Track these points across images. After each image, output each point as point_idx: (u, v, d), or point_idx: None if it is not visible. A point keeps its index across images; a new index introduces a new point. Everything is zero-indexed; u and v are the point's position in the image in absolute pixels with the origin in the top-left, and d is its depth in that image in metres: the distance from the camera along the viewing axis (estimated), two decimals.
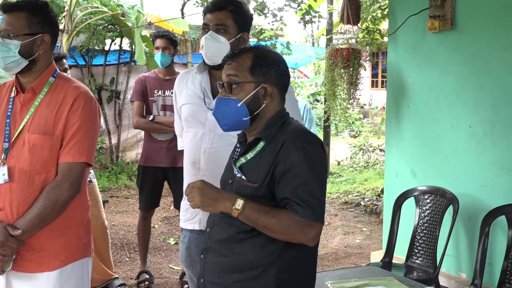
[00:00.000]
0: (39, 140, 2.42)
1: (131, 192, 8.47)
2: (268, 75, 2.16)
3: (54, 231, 2.46)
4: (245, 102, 2.13)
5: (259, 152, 2.15)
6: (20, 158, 2.41)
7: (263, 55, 2.18)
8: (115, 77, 9.56)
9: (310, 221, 1.99)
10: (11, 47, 2.43)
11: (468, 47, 4.35)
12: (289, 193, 2.02)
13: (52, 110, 2.45)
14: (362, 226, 7.17)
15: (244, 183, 2.13)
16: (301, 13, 9.29)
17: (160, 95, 4.77)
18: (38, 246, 2.45)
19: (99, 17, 8.95)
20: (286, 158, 2.04)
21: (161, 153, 4.74)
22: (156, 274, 5.20)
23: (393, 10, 5.05)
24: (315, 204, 2.01)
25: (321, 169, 2.10)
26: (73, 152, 2.43)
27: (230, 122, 2.18)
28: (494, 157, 4.20)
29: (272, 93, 2.17)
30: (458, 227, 4.36)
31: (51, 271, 2.46)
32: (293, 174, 2.02)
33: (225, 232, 2.17)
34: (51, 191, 2.40)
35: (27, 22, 2.46)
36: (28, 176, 2.41)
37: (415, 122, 4.79)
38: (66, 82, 2.54)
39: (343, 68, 5.18)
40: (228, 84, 2.16)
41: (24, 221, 2.37)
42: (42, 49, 2.50)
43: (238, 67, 2.16)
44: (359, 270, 3.46)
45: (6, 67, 2.45)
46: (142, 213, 4.96)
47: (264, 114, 2.17)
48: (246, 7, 2.79)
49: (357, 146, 11.75)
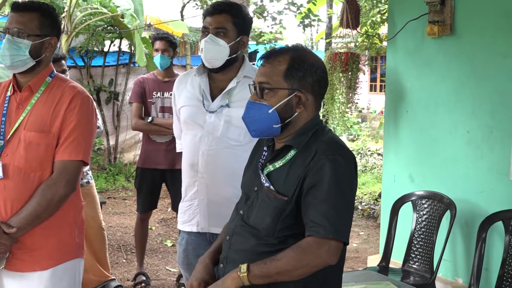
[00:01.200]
0: (35, 137, 2.42)
1: (129, 193, 8.47)
2: (303, 81, 2.03)
3: (47, 230, 2.46)
4: (276, 109, 2.02)
5: (289, 161, 2.03)
6: (15, 155, 2.42)
7: (301, 59, 2.04)
8: (113, 79, 9.56)
9: (320, 238, 1.88)
10: (21, 46, 2.44)
11: (467, 53, 4.35)
12: (310, 215, 1.91)
13: (49, 108, 2.46)
14: (359, 230, 7.17)
15: (273, 195, 2.01)
16: (300, 16, 9.31)
17: (159, 97, 4.77)
18: (31, 245, 2.45)
19: (98, 18, 8.95)
20: (316, 171, 1.93)
21: (160, 155, 4.74)
22: (153, 276, 5.20)
23: (392, 15, 5.05)
24: (332, 220, 1.89)
25: (350, 186, 1.98)
26: (70, 150, 2.44)
27: (259, 129, 2.07)
28: (492, 162, 4.21)
29: (306, 102, 2.04)
30: (455, 232, 4.37)
31: (44, 271, 2.46)
32: (319, 190, 1.91)
33: (247, 242, 2.07)
34: (46, 189, 2.40)
35: (39, 24, 2.48)
36: (23, 173, 2.41)
37: (413, 126, 4.80)
38: (63, 82, 2.56)
39: (342, 72, 5.19)
40: (260, 88, 2.05)
41: (18, 219, 2.37)
42: (48, 51, 2.54)
43: (272, 71, 2.04)
44: (356, 274, 3.46)
45: (13, 65, 2.45)
46: (140, 214, 4.96)
47: (297, 122, 2.05)
48: (245, 10, 2.80)
49: (355, 150, 11.75)
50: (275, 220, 1.99)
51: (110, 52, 9.62)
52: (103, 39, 9.26)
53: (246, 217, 2.11)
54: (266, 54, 2.10)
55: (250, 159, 2.29)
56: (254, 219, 2.07)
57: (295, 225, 1.99)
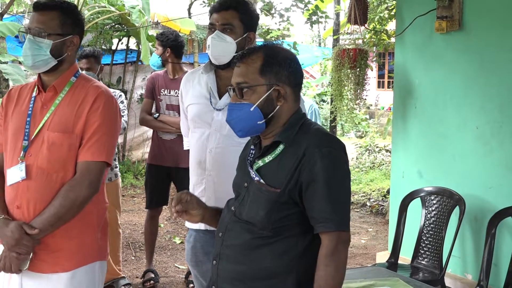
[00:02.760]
0: (58, 138, 2.40)
1: (137, 191, 8.49)
2: (279, 74, 2.07)
3: (69, 231, 2.43)
4: (258, 106, 2.05)
5: (278, 155, 2.06)
6: (39, 156, 2.40)
7: (274, 54, 2.09)
8: (121, 77, 9.58)
9: (333, 232, 1.95)
10: (42, 45, 2.42)
11: (476, 48, 4.34)
12: (317, 210, 1.96)
13: (72, 108, 2.44)
14: (368, 226, 7.16)
15: (265, 188, 2.04)
16: (308, 13, 9.27)
17: (166, 94, 4.81)
18: (54, 246, 2.43)
19: (106, 17, 8.97)
20: (312, 165, 1.96)
21: (166, 152, 4.76)
22: (162, 273, 5.21)
23: (400, 11, 5.04)
24: (339, 213, 1.97)
25: (346, 175, 2.05)
26: (93, 150, 2.41)
27: (244, 128, 2.10)
28: (500, 158, 4.19)
29: (285, 94, 2.08)
30: (464, 228, 4.35)
31: (64, 272, 2.44)
32: (320, 184, 1.95)
33: (240, 237, 2.08)
34: (69, 190, 2.37)
35: (60, 22, 2.46)
36: (46, 174, 2.39)
37: (422, 122, 4.78)
38: (87, 82, 2.54)
39: (350, 69, 5.17)
40: (238, 88, 2.08)
41: (41, 220, 2.35)
42: (70, 50, 2.51)
43: (248, 69, 2.07)
44: (365, 270, 3.45)
45: (35, 65, 2.44)
46: (150, 212, 4.97)
47: (280, 115, 2.09)
48: (252, 7, 2.79)
49: (363, 147, 11.73)
50: (269, 212, 2.02)
51: (118, 50, 9.64)
52: (111, 37, 9.28)
53: (239, 212, 2.12)
54: (239, 55, 2.14)
55: (240, 161, 2.30)
56: (247, 213, 2.08)
57: (289, 216, 2.03)
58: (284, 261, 2.02)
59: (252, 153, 2.19)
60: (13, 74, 5.55)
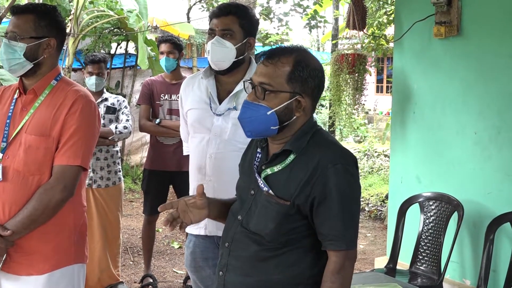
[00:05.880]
0: (35, 141, 2.41)
1: (136, 195, 8.49)
2: (306, 86, 1.97)
3: (45, 234, 2.44)
4: (276, 111, 1.95)
5: (288, 165, 1.98)
6: (16, 158, 2.41)
7: (305, 63, 1.98)
8: (120, 81, 9.58)
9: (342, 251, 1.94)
10: (16, 49, 2.44)
11: (474, 54, 4.34)
12: (327, 228, 1.94)
13: (50, 111, 2.45)
14: (366, 231, 7.16)
15: (275, 200, 1.97)
16: (306, 18, 9.31)
17: (166, 99, 4.78)
18: (29, 248, 2.44)
19: (105, 21, 8.96)
20: (326, 181, 1.91)
21: (167, 157, 4.75)
22: (160, 278, 5.21)
23: (399, 16, 5.05)
24: (349, 232, 1.95)
25: (358, 192, 2.00)
26: (68, 154, 2.42)
27: (256, 130, 2.00)
28: (499, 163, 4.19)
29: (306, 106, 1.99)
30: (462, 234, 4.35)
31: (40, 275, 2.44)
32: (332, 202, 1.91)
33: (248, 249, 2.03)
34: (43, 193, 2.38)
35: (34, 25, 2.47)
36: (21, 176, 2.40)
37: (420, 128, 4.79)
38: (67, 85, 2.54)
39: (349, 74, 5.18)
40: (261, 88, 1.97)
41: (14, 222, 2.36)
42: (47, 52, 2.51)
43: (276, 72, 1.96)
44: (363, 276, 3.45)
45: (11, 69, 2.45)
46: (147, 217, 4.96)
47: (294, 125, 2.00)
48: (252, 12, 2.80)
49: (361, 152, 11.72)
50: (279, 225, 1.97)
51: (116, 55, 9.64)
52: (110, 42, 9.27)
53: (246, 222, 2.06)
54: (268, 53, 2.01)
55: (243, 160, 2.24)
56: (255, 225, 2.03)
57: (297, 228, 1.99)
58: (293, 273, 1.98)
59: (258, 157, 2.10)
60: (11, 80, 5.54)
